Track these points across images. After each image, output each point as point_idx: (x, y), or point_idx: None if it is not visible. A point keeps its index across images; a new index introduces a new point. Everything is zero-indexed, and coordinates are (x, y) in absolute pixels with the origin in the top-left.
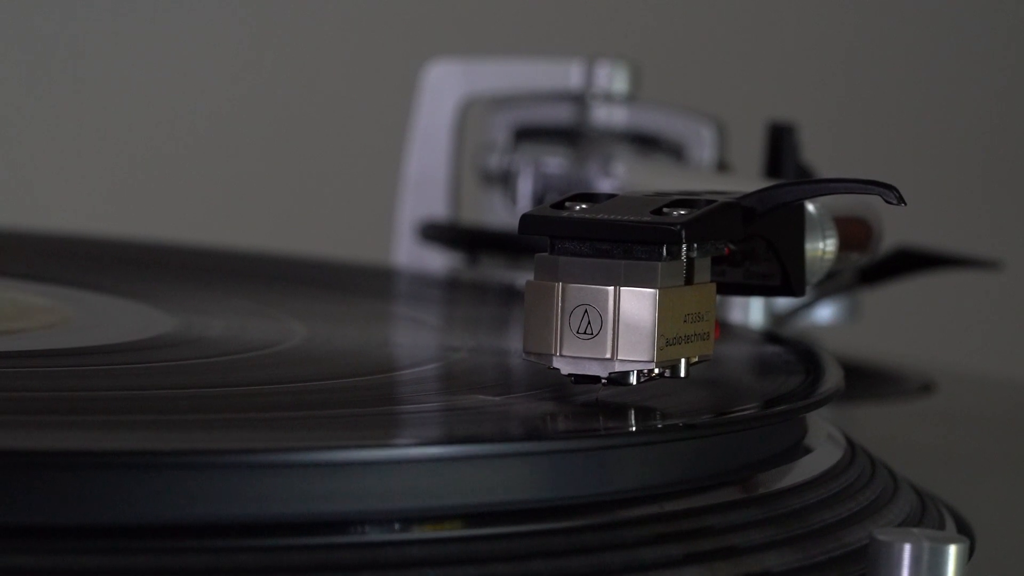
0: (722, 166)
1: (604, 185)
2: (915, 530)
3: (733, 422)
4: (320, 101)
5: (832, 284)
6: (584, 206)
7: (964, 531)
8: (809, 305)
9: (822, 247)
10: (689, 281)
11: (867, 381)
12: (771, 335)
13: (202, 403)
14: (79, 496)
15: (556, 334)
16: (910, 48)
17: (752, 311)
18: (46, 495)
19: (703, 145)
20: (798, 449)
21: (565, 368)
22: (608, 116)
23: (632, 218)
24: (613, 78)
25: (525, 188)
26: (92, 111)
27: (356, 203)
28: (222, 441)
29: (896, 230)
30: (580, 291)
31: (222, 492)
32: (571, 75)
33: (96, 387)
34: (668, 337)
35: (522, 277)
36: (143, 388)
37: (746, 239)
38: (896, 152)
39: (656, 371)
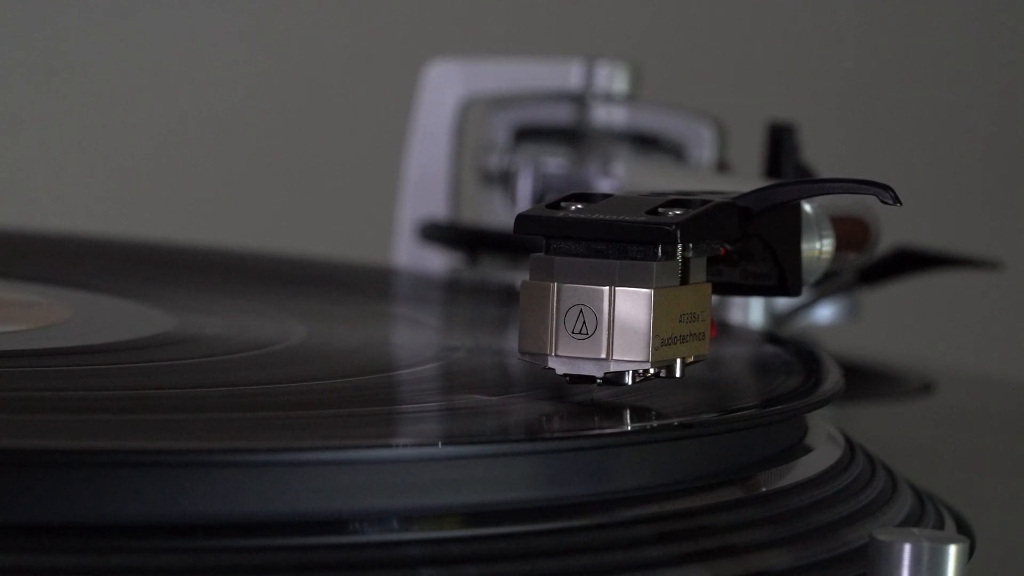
0: (722, 166)
1: (604, 185)
2: (915, 530)
3: (730, 422)
4: (320, 101)
5: (832, 284)
6: (580, 206)
7: (964, 531)
8: (809, 305)
9: (819, 247)
10: (684, 281)
11: (867, 381)
12: (771, 335)
13: (202, 403)
14: (78, 495)
15: (551, 334)
16: (910, 48)
17: (752, 311)
18: (45, 494)
19: (703, 145)
20: (798, 449)
21: (560, 368)
22: (608, 116)
23: (627, 218)
24: (613, 78)
25: (525, 188)
26: (92, 111)
27: (356, 203)
28: (222, 441)
29: (896, 230)
30: (575, 291)
31: (221, 492)
32: (571, 75)
33: (96, 387)
34: (663, 337)
35: (522, 277)
36: (143, 388)
37: (743, 239)
38: (896, 152)
39: (651, 371)
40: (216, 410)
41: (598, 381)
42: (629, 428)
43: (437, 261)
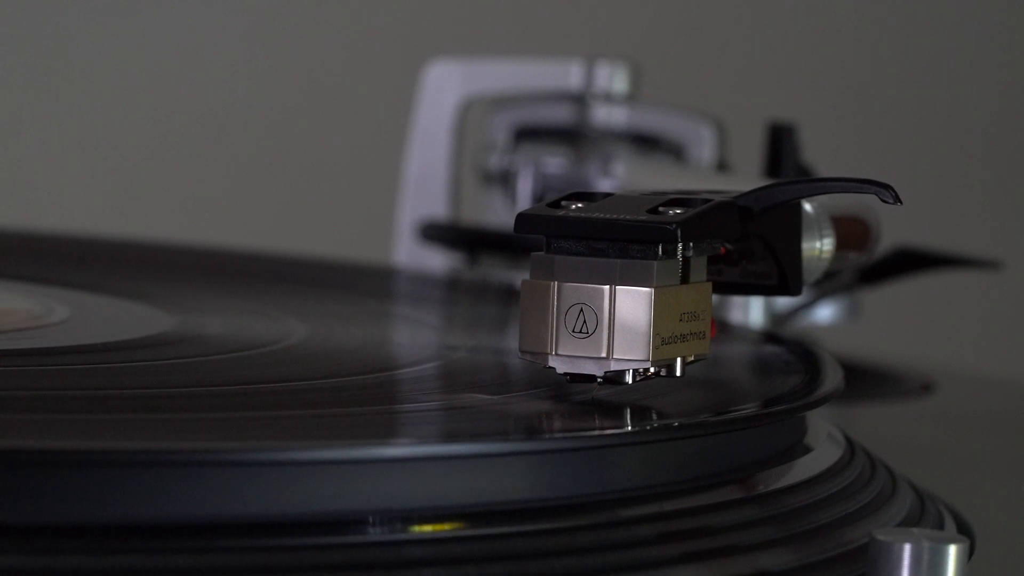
0: (722, 166)
1: (604, 185)
2: (915, 530)
3: (730, 421)
4: (320, 101)
5: (832, 284)
6: (580, 205)
7: (964, 531)
8: (809, 305)
9: (819, 246)
10: (685, 280)
11: (867, 381)
12: (771, 335)
13: (202, 403)
14: (78, 495)
15: (552, 333)
16: (910, 48)
17: (752, 311)
18: (45, 494)
19: (703, 145)
20: (798, 448)
21: (561, 367)
22: (608, 116)
23: (628, 217)
24: (613, 78)
25: (525, 188)
26: (92, 111)
27: (356, 203)
28: (221, 441)
29: (896, 230)
30: (576, 290)
31: (221, 491)
32: (571, 75)
33: (96, 387)
34: (664, 336)
35: (522, 277)
36: (143, 388)
37: (743, 238)
38: (896, 152)
39: (652, 370)
40: (216, 410)
41: (598, 380)
42: (629, 428)
43: (437, 261)
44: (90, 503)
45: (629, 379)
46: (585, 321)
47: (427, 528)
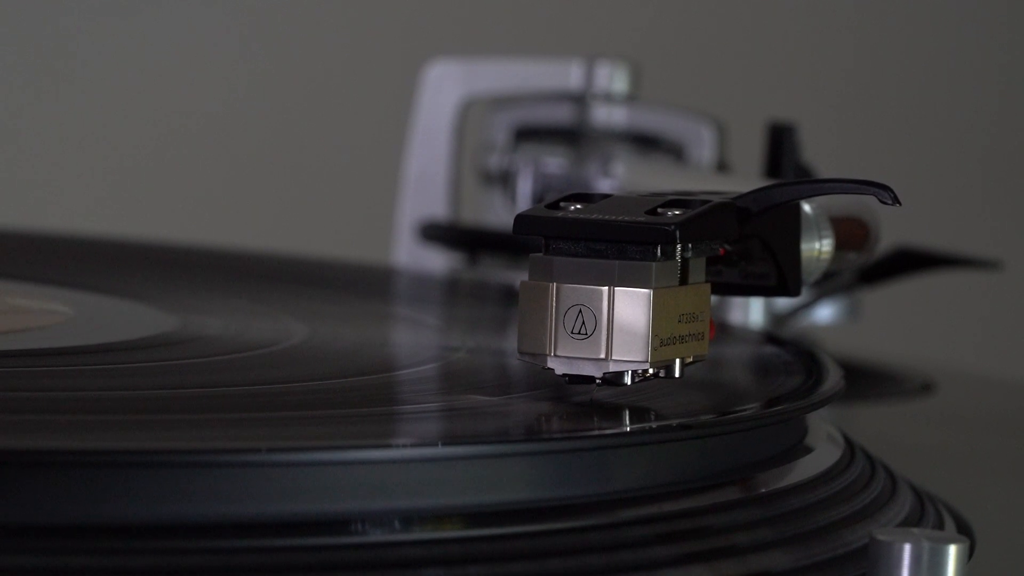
0: (722, 166)
1: (604, 185)
2: (915, 530)
3: (730, 422)
4: (320, 101)
5: (832, 284)
6: (579, 206)
7: (964, 531)
8: (809, 305)
9: (818, 247)
10: (684, 281)
11: (867, 381)
12: (771, 336)
13: (201, 403)
14: (77, 495)
15: (550, 334)
16: (910, 48)
17: (752, 312)
18: (45, 494)
19: (703, 145)
20: (798, 449)
21: (559, 368)
22: (608, 116)
23: (626, 218)
24: (613, 78)
25: (525, 188)
26: (92, 111)
27: (356, 203)
28: (220, 441)
29: (896, 230)
30: (574, 291)
31: (220, 492)
32: (571, 75)
33: (96, 387)
34: (662, 337)
35: (521, 277)
36: (143, 388)
37: (742, 239)
38: (896, 152)
39: (650, 371)
40: (216, 410)
41: (597, 381)
42: (628, 429)
43: (437, 261)
44: (90, 503)
45: (628, 380)
46: (584, 322)
47: (427, 528)
